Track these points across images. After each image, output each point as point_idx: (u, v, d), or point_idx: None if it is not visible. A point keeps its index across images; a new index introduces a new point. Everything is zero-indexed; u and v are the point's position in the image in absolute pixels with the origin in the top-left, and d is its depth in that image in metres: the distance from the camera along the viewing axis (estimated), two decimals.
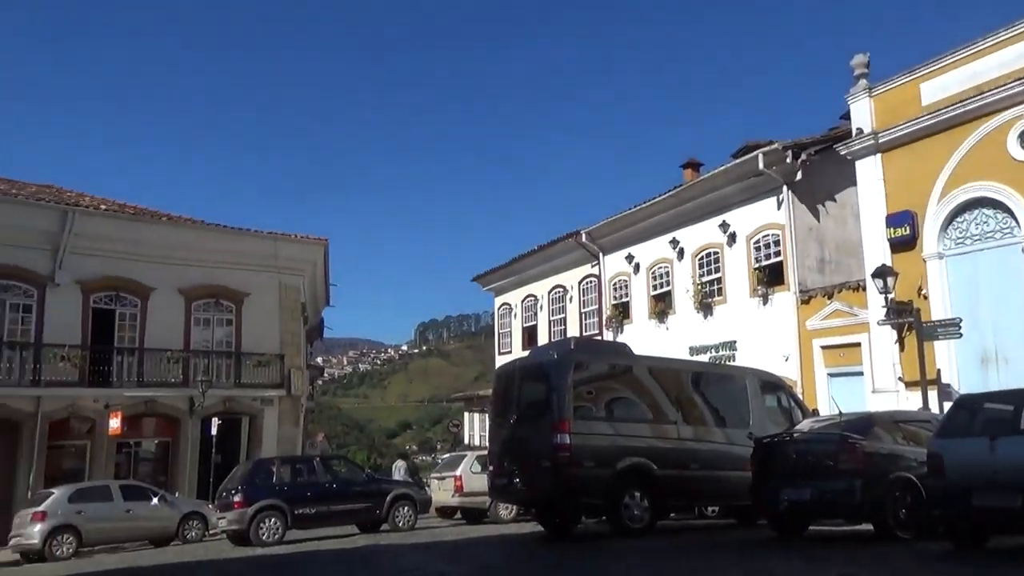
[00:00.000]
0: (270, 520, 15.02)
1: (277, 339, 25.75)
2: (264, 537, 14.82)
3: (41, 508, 16.93)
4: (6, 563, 17.21)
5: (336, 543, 14.49)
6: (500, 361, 29.43)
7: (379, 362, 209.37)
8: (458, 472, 17.79)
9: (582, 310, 26.08)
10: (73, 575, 12.79)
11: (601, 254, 24.95)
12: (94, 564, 15.24)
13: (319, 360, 76.87)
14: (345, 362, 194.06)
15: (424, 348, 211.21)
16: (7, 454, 20.50)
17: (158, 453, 24.23)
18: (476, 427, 34.07)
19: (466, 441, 34.46)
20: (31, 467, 20.49)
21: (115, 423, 21.44)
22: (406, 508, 16.56)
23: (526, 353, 19.89)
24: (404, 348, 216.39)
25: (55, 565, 15.83)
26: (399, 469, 24.08)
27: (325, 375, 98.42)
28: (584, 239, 24.98)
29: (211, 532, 19.18)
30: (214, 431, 22.59)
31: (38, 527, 16.68)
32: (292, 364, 25.85)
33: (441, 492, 18.14)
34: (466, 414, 35.94)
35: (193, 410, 23.27)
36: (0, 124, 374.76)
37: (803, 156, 18.14)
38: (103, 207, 24.08)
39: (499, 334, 30.97)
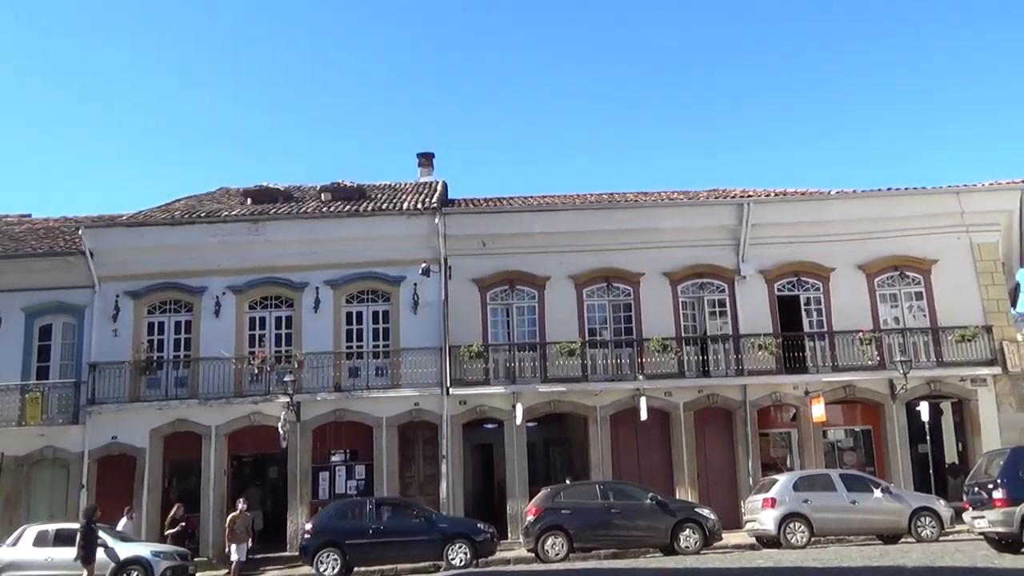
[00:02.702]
0: None
1: (978, 309, 22.05)
2: None
3: (771, 494, 17.08)
4: (743, 545, 17.87)
5: None
6: None
7: None
8: None
9: None
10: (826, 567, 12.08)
11: None
12: (836, 557, 14.47)
13: None
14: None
15: None
16: (727, 440, 21.68)
17: (859, 441, 22.90)
18: None
19: None
20: (748, 453, 21.19)
21: (818, 410, 20.82)
22: None
23: None
24: None
25: (792, 553, 15.64)
26: None
27: None
28: None
29: (945, 530, 17.02)
30: (925, 417, 20.20)
31: (771, 513, 16.83)
32: (1004, 336, 21.81)
33: None
34: None
35: (895, 394, 21.29)
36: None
37: None
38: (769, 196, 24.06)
39: None
